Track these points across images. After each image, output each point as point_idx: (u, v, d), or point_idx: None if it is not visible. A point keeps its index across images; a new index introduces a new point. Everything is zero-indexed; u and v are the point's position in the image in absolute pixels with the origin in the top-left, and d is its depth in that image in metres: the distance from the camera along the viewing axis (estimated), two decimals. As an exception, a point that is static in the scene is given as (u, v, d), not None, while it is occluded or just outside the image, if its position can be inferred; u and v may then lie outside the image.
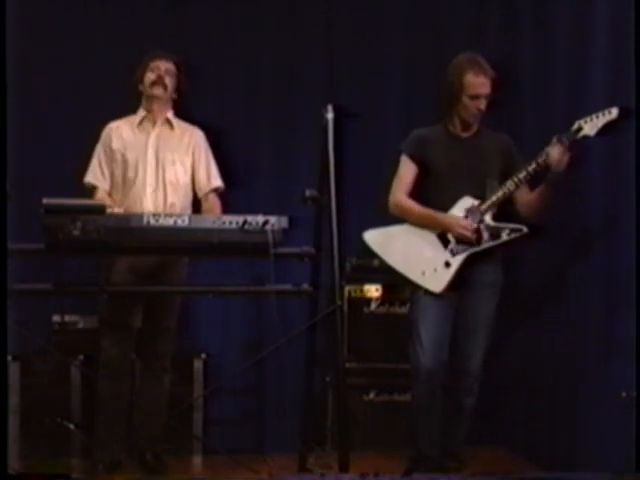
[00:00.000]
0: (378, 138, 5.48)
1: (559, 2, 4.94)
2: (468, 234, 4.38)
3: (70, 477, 4.23)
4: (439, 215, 4.43)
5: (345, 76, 5.61)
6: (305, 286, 4.45)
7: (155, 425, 4.81)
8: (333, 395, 5.14)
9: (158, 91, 4.77)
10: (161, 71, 4.77)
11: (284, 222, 4.22)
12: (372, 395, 5.35)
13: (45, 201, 4.13)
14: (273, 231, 4.19)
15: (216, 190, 4.87)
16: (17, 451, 4.87)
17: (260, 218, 4.21)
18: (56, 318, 5.14)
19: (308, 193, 4.37)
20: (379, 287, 5.33)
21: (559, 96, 4.95)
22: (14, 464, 4.33)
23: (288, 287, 4.42)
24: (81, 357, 5.07)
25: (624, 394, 4.08)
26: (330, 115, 4.35)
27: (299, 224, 4.37)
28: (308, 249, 4.41)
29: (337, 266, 4.29)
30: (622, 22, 4.24)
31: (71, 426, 5.05)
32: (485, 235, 4.39)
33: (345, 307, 4.92)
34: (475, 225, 4.38)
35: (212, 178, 4.86)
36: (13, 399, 4.89)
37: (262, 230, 4.18)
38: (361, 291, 5.36)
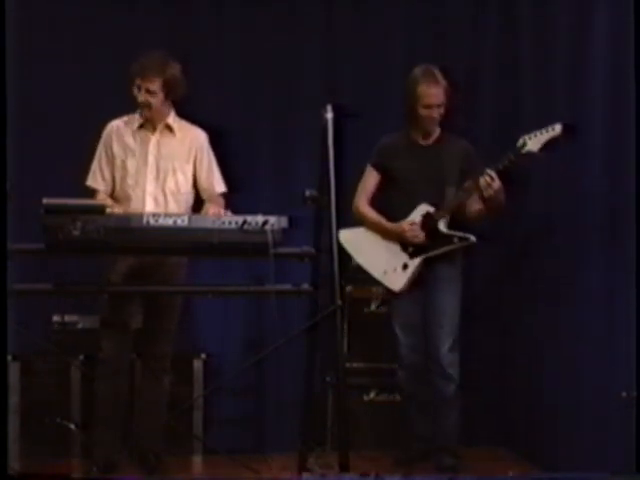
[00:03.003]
0: (378, 138, 5.47)
1: (559, 2, 4.94)
2: (419, 239, 4.68)
3: (70, 477, 4.23)
4: (389, 225, 4.79)
5: (345, 76, 5.61)
6: (305, 286, 4.45)
7: (155, 425, 4.81)
8: (333, 395, 5.14)
9: (147, 114, 4.69)
10: (142, 94, 4.64)
11: (284, 222, 4.23)
12: (372, 395, 5.35)
13: (45, 201, 4.13)
14: (273, 231, 4.19)
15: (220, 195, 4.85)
16: (17, 451, 4.87)
17: (260, 218, 4.21)
18: (56, 318, 5.15)
19: (308, 193, 4.37)
20: (379, 287, 5.33)
21: (559, 96, 4.95)
22: (14, 464, 4.33)
23: (288, 287, 4.42)
24: (81, 357, 5.08)
25: (624, 394, 4.08)
26: (330, 115, 4.35)
27: (299, 224, 4.37)
28: (308, 249, 4.41)
29: (337, 266, 4.29)
30: (622, 23, 4.23)
31: (71, 426, 5.05)
32: (438, 241, 4.67)
33: (345, 307, 4.92)
34: (422, 233, 4.66)
35: (215, 184, 4.81)
36: (13, 399, 4.88)
37: (262, 230, 4.18)
38: (361, 291, 5.36)
